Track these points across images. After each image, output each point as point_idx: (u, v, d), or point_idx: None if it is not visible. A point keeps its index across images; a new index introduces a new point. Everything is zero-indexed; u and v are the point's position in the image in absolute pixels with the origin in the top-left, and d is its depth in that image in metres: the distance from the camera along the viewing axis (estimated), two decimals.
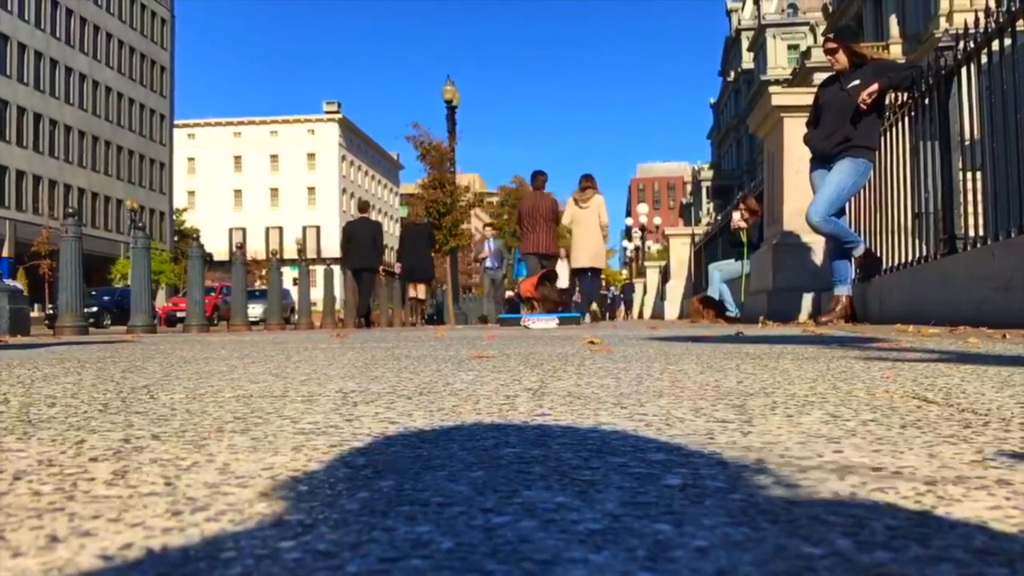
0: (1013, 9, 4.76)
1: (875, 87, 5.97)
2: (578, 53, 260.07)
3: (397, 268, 15.98)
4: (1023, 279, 4.38)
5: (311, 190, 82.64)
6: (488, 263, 17.54)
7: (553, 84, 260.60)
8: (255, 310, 30.70)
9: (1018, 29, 4.73)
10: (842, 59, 6.30)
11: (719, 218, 16.91)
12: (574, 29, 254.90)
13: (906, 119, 6.52)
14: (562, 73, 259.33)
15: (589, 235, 11.62)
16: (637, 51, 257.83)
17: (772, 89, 9.13)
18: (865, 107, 6.02)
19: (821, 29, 50.71)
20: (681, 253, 20.15)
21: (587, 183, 11.69)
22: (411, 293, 17.43)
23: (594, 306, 14.99)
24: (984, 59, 5.18)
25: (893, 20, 42.47)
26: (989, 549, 0.55)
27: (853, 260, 6.52)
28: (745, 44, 76.16)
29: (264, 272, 30.59)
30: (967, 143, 5.64)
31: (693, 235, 20.11)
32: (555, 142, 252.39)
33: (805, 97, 7.54)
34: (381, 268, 14.17)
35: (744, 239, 10.25)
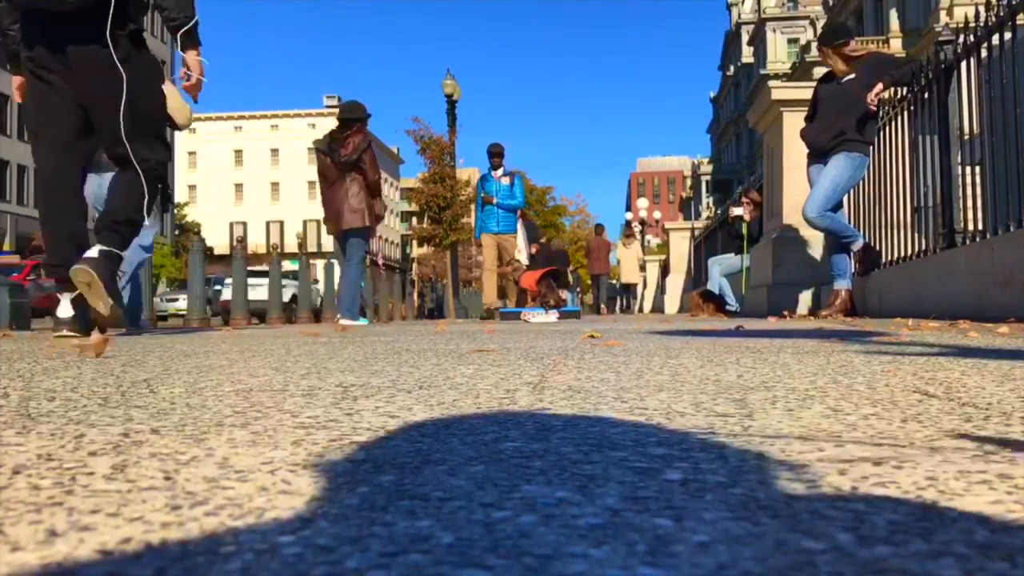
0: (1013, 3, 4.76)
1: (880, 87, 5.99)
2: (578, 48, 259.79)
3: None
4: (1023, 273, 4.38)
5: (312, 184, 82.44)
6: None
7: (553, 79, 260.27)
8: (184, 302, 26.32)
9: (1018, 23, 4.72)
10: (836, 63, 6.36)
11: (719, 212, 16.91)
12: (573, 24, 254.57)
13: (905, 113, 6.52)
14: (562, 68, 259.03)
15: (630, 263, 21.54)
16: (637, 45, 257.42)
17: (772, 83, 9.12)
18: (874, 108, 6.08)
19: (821, 23, 50.62)
20: (681, 247, 20.14)
21: (629, 231, 22.02)
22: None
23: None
24: (984, 53, 5.17)
25: (893, 14, 42.43)
26: (990, 544, 0.55)
27: (852, 254, 6.52)
28: (745, 38, 76.07)
29: (265, 266, 29.96)
30: (966, 138, 5.64)
31: (693, 229, 20.09)
32: (555, 137, 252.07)
33: (805, 91, 7.54)
34: (382, 263, 14.04)
35: (744, 232, 10.26)
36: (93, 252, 3.85)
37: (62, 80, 3.86)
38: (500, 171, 11.49)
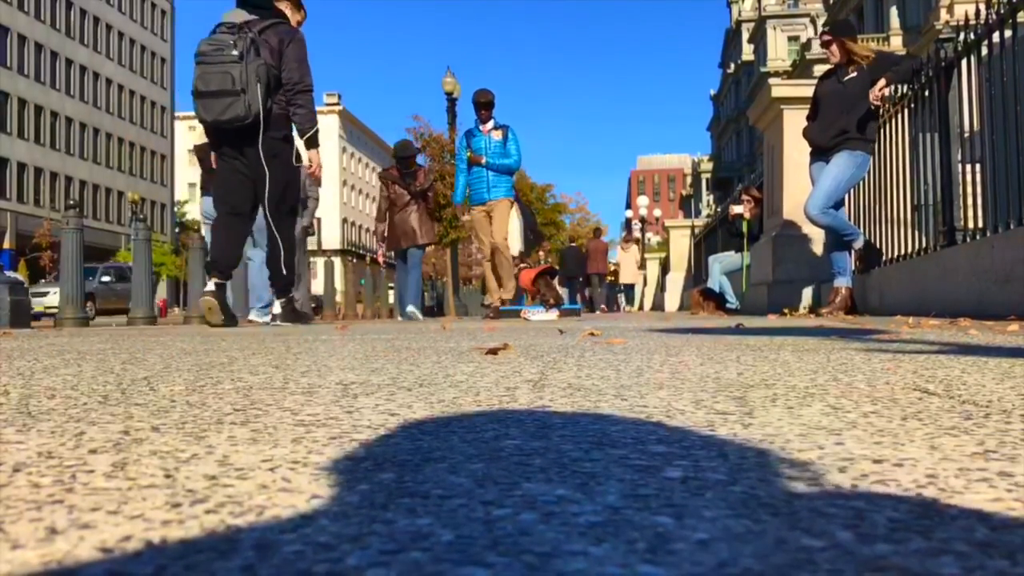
0: (1014, 0, 4.75)
1: (883, 83, 6.02)
2: (577, 45, 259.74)
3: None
4: (1022, 271, 4.38)
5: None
6: None
7: (553, 77, 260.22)
8: (51, 298, 24.18)
9: (1019, 21, 4.72)
10: (837, 52, 6.36)
11: (719, 210, 16.90)
12: (573, 22, 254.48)
13: (906, 111, 6.51)
14: (561, 65, 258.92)
15: (630, 265, 24.31)
16: (637, 43, 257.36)
17: (772, 81, 9.11)
18: (878, 103, 6.14)
19: (822, 21, 50.59)
20: (681, 245, 20.13)
21: (628, 236, 24.44)
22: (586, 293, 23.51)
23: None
24: (984, 51, 5.17)
25: (894, 12, 42.40)
26: (991, 541, 0.55)
27: (852, 252, 6.52)
28: (745, 36, 76.02)
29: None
30: (967, 135, 5.63)
31: (693, 227, 20.09)
32: (555, 134, 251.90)
33: (805, 89, 7.54)
34: (383, 261, 14.39)
35: (744, 230, 10.26)
36: (277, 308, 6.24)
37: (243, 166, 5.78)
38: (490, 124, 8.89)
